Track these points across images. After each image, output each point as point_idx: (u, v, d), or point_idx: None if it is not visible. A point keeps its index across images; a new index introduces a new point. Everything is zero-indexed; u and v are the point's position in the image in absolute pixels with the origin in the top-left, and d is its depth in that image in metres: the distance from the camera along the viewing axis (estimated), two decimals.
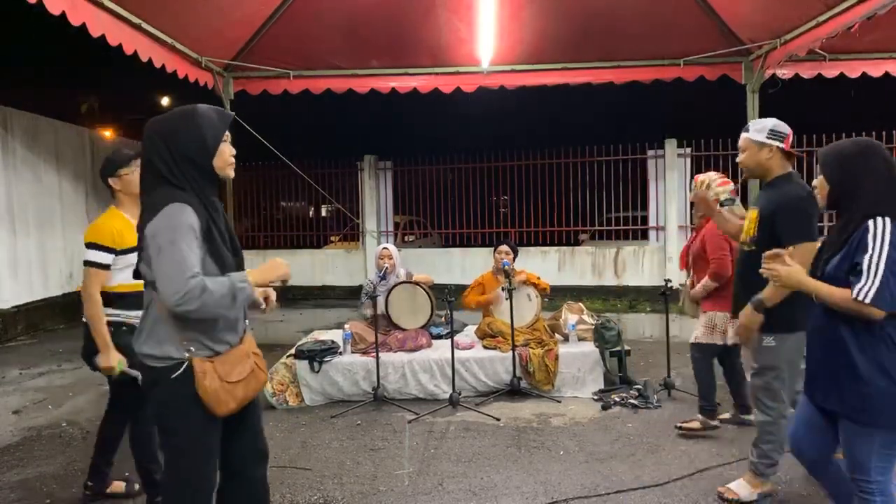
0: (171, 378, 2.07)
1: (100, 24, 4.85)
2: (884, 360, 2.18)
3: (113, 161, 3.27)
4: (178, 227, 2.02)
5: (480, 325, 5.56)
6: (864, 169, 2.27)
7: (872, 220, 2.19)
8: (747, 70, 7.52)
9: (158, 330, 2.11)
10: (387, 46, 7.56)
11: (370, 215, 11.64)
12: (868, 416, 2.21)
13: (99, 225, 3.18)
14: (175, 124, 2.17)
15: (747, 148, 3.24)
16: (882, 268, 2.12)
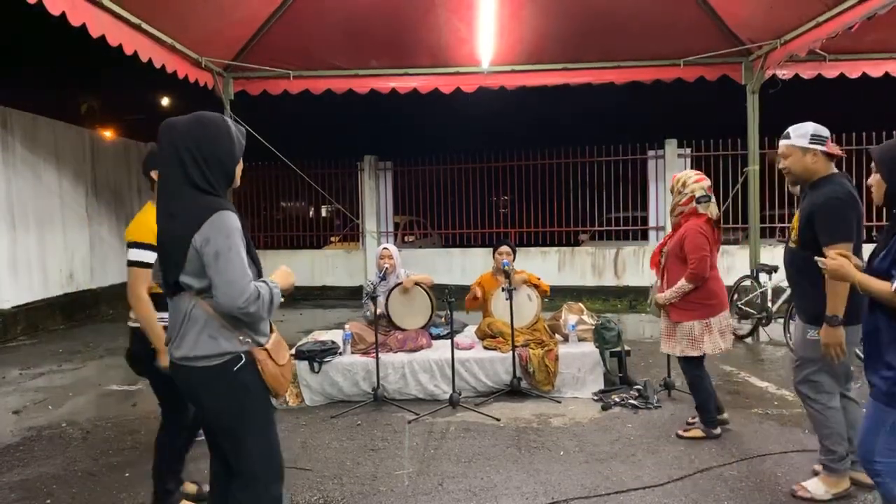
0: (234, 370, 2.18)
1: (100, 24, 4.85)
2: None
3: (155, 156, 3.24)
4: (231, 232, 2.10)
5: (480, 325, 5.56)
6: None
7: None
8: (747, 70, 7.53)
9: (209, 331, 2.17)
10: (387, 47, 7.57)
11: (370, 216, 11.64)
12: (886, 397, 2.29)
13: (139, 222, 3.09)
14: (210, 131, 2.21)
15: (791, 154, 3.29)
16: None
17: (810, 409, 3.30)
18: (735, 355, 6.45)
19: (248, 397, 2.22)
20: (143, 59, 5.60)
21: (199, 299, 2.15)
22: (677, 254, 4.10)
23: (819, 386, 3.24)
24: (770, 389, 5.30)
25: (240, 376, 2.19)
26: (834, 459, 3.25)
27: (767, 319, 7.05)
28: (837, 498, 3.25)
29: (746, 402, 4.89)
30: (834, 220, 3.05)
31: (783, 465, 3.69)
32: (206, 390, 2.22)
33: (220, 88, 7.53)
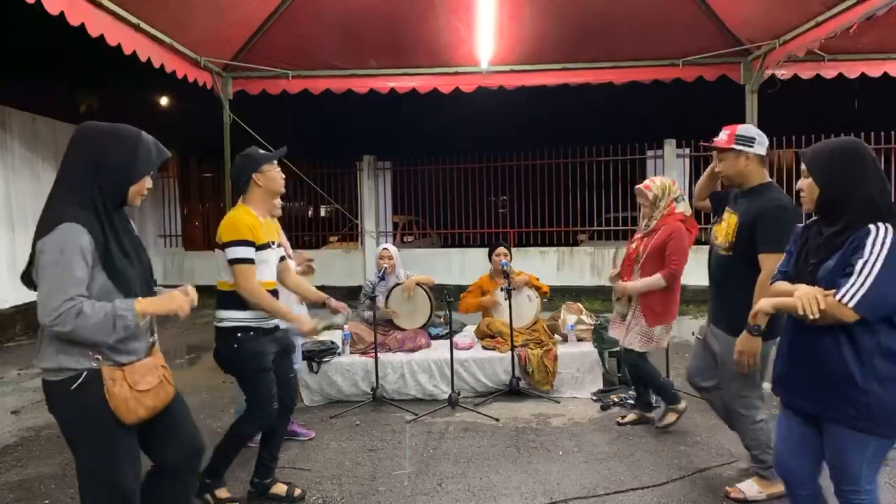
0: (71, 389, 2.10)
1: (99, 23, 4.84)
2: (879, 368, 2.13)
3: (258, 158, 3.29)
4: (66, 248, 2.01)
5: (480, 325, 5.56)
6: (857, 172, 2.18)
7: (875, 225, 2.11)
8: (746, 70, 7.53)
9: (54, 345, 2.10)
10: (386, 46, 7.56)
11: (369, 215, 11.64)
12: (865, 424, 2.17)
13: (233, 220, 3.14)
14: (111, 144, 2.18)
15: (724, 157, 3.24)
16: (875, 274, 2.05)
17: (739, 424, 3.28)
18: None
19: (84, 419, 2.16)
20: (142, 58, 5.59)
21: None
22: (656, 254, 4.09)
23: (749, 402, 3.22)
24: (768, 389, 5.29)
25: (77, 396, 2.11)
26: (764, 467, 3.26)
27: None
28: (771, 498, 3.25)
29: None
30: (778, 228, 2.94)
31: None
32: (51, 404, 2.20)
33: (219, 88, 7.51)
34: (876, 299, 2.05)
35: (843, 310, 2.08)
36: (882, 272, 2.05)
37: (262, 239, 3.17)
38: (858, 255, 2.09)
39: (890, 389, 2.13)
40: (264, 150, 3.38)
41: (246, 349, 3.14)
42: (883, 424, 2.17)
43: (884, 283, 2.04)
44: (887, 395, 2.14)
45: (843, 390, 2.18)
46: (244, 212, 3.21)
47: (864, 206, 2.15)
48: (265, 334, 3.23)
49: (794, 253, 2.39)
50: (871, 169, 2.20)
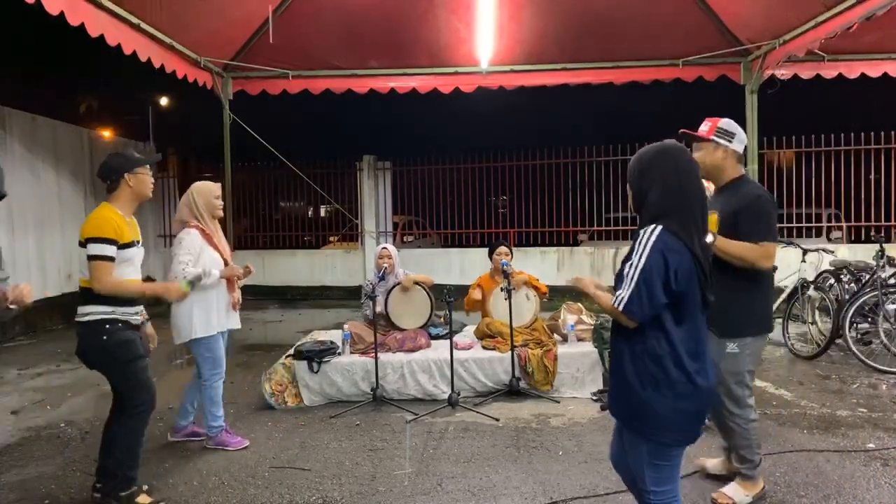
0: None
1: (98, 23, 4.85)
2: (647, 370, 2.16)
3: (134, 159, 3.34)
4: None
5: (479, 325, 5.56)
6: (652, 176, 2.21)
7: (646, 227, 2.16)
8: (746, 70, 7.54)
9: None
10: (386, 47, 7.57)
11: (369, 215, 11.64)
12: (632, 426, 2.23)
13: (98, 219, 3.20)
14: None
15: (703, 147, 3.22)
16: (636, 276, 2.10)
17: (732, 423, 3.27)
18: None
19: None
20: (141, 58, 5.60)
21: None
22: None
23: (741, 400, 3.23)
24: (769, 389, 5.30)
25: None
26: (750, 467, 3.27)
27: None
28: (755, 500, 3.26)
29: None
30: (764, 217, 3.02)
31: (781, 465, 3.70)
32: None
33: (219, 88, 7.53)
34: (640, 300, 2.09)
35: (618, 314, 2.15)
36: (641, 274, 2.10)
37: (127, 238, 3.23)
38: (627, 260, 2.17)
39: (655, 393, 2.15)
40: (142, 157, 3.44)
41: (114, 339, 3.16)
42: (649, 426, 2.18)
43: (642, 283, 2.09)
44: (654, 398, 2.15)
45: (623, 392, 2.23)
46: (109, 210, 3.26)
47: (650, 208, 2.21)
48: (131, 328, 3.27)
49: None
50: (666, 173, 2.20)
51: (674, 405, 2.14)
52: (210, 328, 4.01)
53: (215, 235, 4.14)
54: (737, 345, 3.11)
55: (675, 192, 2.18)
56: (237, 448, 4.18)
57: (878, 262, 6.04)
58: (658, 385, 2.14)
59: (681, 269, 2.10)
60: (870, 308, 5.91)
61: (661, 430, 2.18)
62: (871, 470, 3.64)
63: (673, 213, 2.15)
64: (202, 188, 4.15)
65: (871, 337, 5.94)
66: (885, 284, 5.96)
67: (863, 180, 9.79)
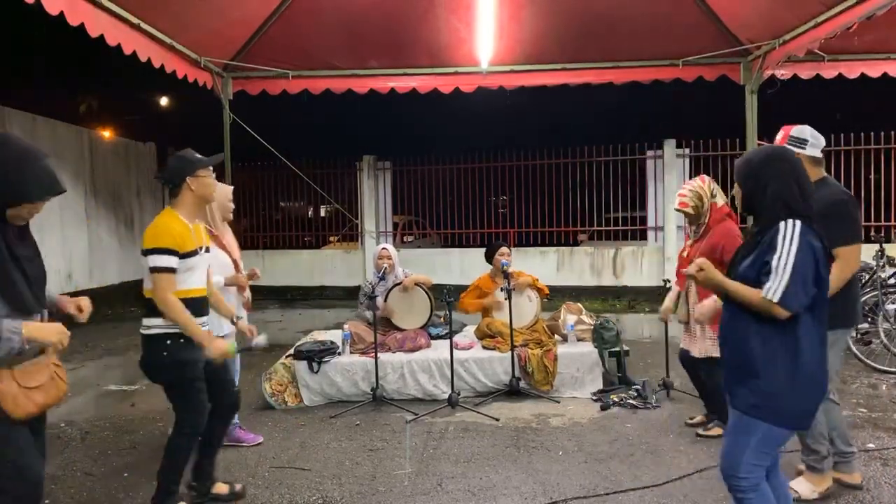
0: None
1: (98, 24, 4.85)
2: (784, 360, 2.25)
3: (194, 161, 3.20)
4: None
5: (480, 325, 5.56)
6: (770, 174, 2.34)
7: (784, 221, 2.26)
8: (746, 70, 7.53)
9: None
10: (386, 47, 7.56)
11: (369, 215, 11.64)
12: (760, 412, 2.28)
13: (159, 227, 3.05)
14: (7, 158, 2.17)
15: None
16: (790, 268, 2.19)
17: None
18: None
19: None
20: (141, 58, 5.59)
21: None
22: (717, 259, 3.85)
23: None
24: None
25: None
26: (818, 459, 3.28)
27: None
28: (823, 497, 3.26)
29: None
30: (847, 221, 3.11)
31: (782, 465, 3.69)
32: None
33: (220, 88, 7.52)
34: (796, 291, 2.18)
35: (772, 307, 2.20)
36: (794, 265, 2.19)
37: (189, 246, 3.07)
38: (772, 253, 2.24)
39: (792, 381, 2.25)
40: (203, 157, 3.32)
41: (175, 358, 3.02)
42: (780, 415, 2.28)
43: (798, 274, 2.18)
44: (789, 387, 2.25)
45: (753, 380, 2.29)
46: (171, 217, 3.10)
47: (775, 205, 2.31)
48: (194, 345, 3.09)
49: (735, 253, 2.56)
50: (784, 170, 2.35)
51: (805, 393, 2.28)
52: (222, 330, 4.00)
53: (224, 237, 4.09)
54: None
55: (796, 190, 2.32)
56: (252, 444, 4.22)
57: (878, 262, 6.04)
58: (794, 374, 2.24)
59: (821, 260, 2.25)
60: (870, 308, 5.92)
61: (790, 418, 2.31)
62: (871, 470, 3.64)
63: (800, 210, 2.29)
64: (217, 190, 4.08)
65: (871, 337, 5.94)
66: (885, 284, 5.97)
67: (862, 180, 9.80)
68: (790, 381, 2.25)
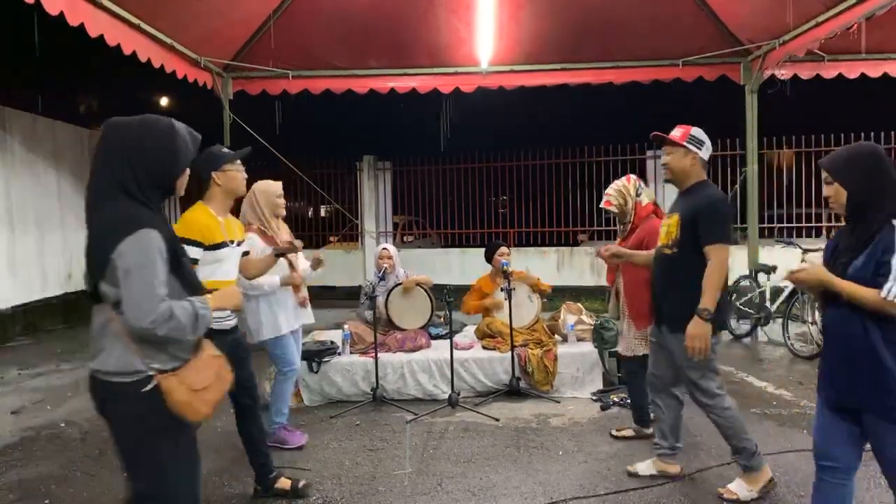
0: (141, 391, 2.06)
1: (98, 24, 4.85)
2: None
3: (219, 156, 3.24)
4: (147, 249, 2.00)
5: (480, 325, 5.56)
6: (880, 173, 2.32)
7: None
8: (746, 70, 7.53)
9: (119, 347, 2.07)
10: (386, 47, 7.57)
11: (369, 215, 11.64)
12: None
13: (187, 220, 3.14)
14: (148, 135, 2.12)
15: (674, 152, 3.41)
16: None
17: (711, 416, 3.33)
18: (734, 355, 6.46)
19: (151, 423, 2.11)
20: (141, 58, 5.60)
21: (114, 313, 2.05)
22: None
23: (709, 392, 3.28)
24: (768, 389, 5.30)
25: (148, 398, 2.07)
26: (747, 456, 3.29)
27: (766, 319, 7.05)
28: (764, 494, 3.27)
29: (745, 401, 4.89)
30: (719, 222, 3.17)
31: (781, 465, 3.69)
32: (111, 406, 2.12)
33: (220, 88, 7.52)
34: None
35: (891, 307, 2.19)
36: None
37: (218, 238, 3.14)
38: (889, 253, 2.21)
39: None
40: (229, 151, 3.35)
41: None
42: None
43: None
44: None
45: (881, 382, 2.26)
46: (201, 211, 3.20)
47: (887, 205, 2.29)
48: (221, 335, 3.12)
49: (829, 253, 2.50)
50: (890, 168, 2.34)
51: None
52: (278, 329, 3.98)
53: (279, 236, 4.02)
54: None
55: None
56: (295, 446, 4.14)
57: None
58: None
59: None
60: None
61: None
62: (871, 470, 3.62)
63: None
64: (264, 187, 4.02)
65: None
66: None
67: None
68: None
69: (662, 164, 3.53)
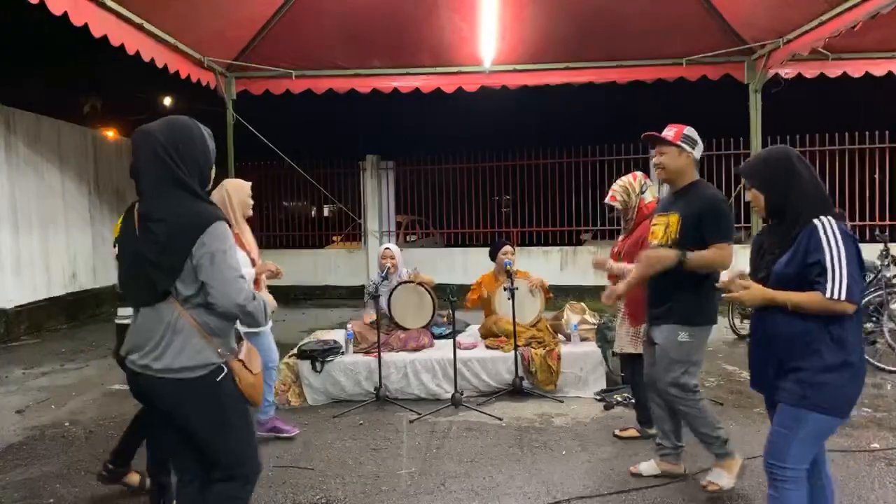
0: (217, 381, 2.22)
1: (102, 24, 4.86)
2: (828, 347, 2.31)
3: None
4: (226, 237, 2.17)
5: (485, 323, 5.55)
6: (792, 175, 2.40)
7: (818, 219, 2.30)
8: (750, 69, 7.52)
9: (193, 341, 2.17)
10: (389, 46, 7.58)
11: (372, 215, 11.64)
12: (809, 402, 2.32)
13: None
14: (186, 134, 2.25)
15: (668, 151, 3.38)
16: (845, 264, 2.24)
17: (681, 407, 3.35)
18: (737, 355, 6.44)
19: (230, 406, 2.27)
20: (145, 58, 5.61)
21: (183, 309, 2.16)
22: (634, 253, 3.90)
23: (686, 386, 3.31)
24: None
25: (222, 386, 2.23)
26: (720, 445, 3.31)
27: None
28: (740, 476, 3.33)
29: (748, 401, 4.88)
30: (725, 220, 3.21)
31: None
32: (189, 400, 2.21)
33: (223, 88, 7.54)
34: (855, 283, 2.26)
35: (839, 305, 2.26)
36: (848, 261, 2.25)
37: None
38: (819, 252, 2.28)
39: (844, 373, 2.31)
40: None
41: None
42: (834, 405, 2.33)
43: (854, 267, 2.26)
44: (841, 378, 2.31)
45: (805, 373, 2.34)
46: None
47: (804, 204, 2.36)
48: None
49: (754, 253, 2.60)
50: (803, 169, 2.42)
51: (855, 384, 2.35)
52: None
53: (244, 235, 4.07)
54: (688, 334, 3.25)
55: (816, 186, 2.40)
56: (290, 435, 4.29)
57: (883, 262, 6.01)
58: (845, 365, 2.31)
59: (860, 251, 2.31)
60: (874, 308, 5.89)
61: (838, 407, 2.34)
62: (876, 470, 3.63)
63: (826, 206, 2.35)
64: (237, 186, 4.02)
65: (876, 336, 5.92)
66: (890, 284, 5.94)
67: (867, 179, 9.77)
68: (838, 371, 2.30)
69: (656, 164, 3.51)
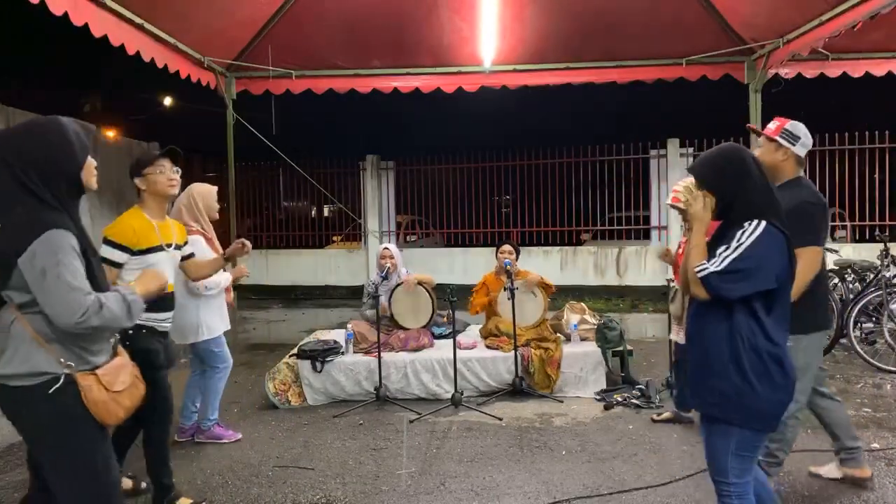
0: (49, 392, 2.05)
1: (102, 24, 4.86)
2: (740, 356, 2.22)
3: (139, 161, 3.26)
4: (59, 250, 2.00)
5: (488, 324, 5.54)
6: (742, 175, 2.32)
7: (749, 221, 2.25)
8: (750, 70, 7.51)
9: (27, 349, 2.05)
10: (389, 46, 7.56)
11: (372, 215, 11.65)
12: (723, 413, 2.26)
13: (118, 223, 3.18)
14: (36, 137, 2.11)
15: (765, 145, 3.24)
16: (732, 258, 2.19)
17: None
18: None
19: (65, 422, 2.10)
20: (145, 58, 5.61)
21: (20, 314, 2.05)
22: None
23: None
24: None
25: (57, 399, 2.06)
26: (772, 464, 3.21)
27: None
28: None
29: None
30: (808, 223, 2.99)
31: (785, 465, 3.68)
32: (22, 411, 2.11)
33: (223, 88, 7.53)
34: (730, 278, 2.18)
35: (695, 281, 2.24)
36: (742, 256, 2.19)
37: (150, 242, 3.14)
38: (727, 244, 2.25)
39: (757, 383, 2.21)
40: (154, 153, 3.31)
41: (136, 346, 2.94)
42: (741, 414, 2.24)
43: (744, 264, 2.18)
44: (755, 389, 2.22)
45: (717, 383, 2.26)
46: (134, 215, 3.20)
47: (746, 206, 2.30)
48: (159, 335, 3.21)
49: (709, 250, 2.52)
50: (751, 170, 2.33)
51: (771, 395, 2.23)
52: (217, 328, 4.08)
53: (215, 238, 4.15)
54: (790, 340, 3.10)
55: (764, 189, 2.32)
56: (231, 441, 4.25)
57: (883, 262, 6.01)
58: (759, 375, 2.22)
59: (782, 260, 2.24)
60: (874, 307, 5.90)
61: (758, 420, 2.26)
62: (876, 470, 3.63)
63: (770, 210, 2.28)
64: (204, 191, 4.13)
65: (876, 336, 5.93)
66: (890, 284, 5.94)
67: (867, 179, 9.77)
68: (748, 382, 2.21)
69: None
